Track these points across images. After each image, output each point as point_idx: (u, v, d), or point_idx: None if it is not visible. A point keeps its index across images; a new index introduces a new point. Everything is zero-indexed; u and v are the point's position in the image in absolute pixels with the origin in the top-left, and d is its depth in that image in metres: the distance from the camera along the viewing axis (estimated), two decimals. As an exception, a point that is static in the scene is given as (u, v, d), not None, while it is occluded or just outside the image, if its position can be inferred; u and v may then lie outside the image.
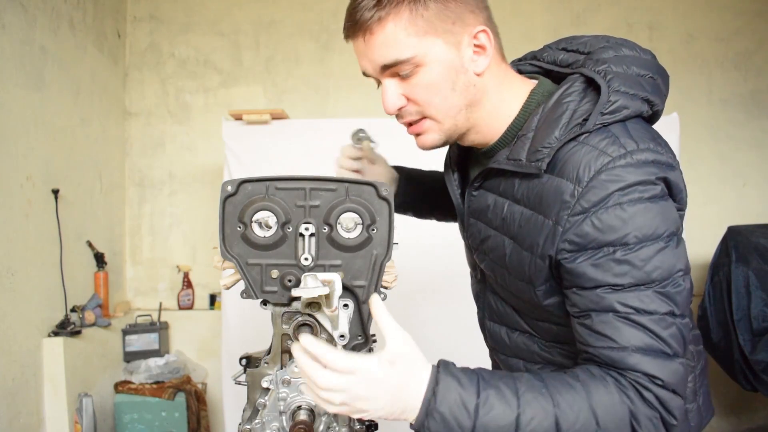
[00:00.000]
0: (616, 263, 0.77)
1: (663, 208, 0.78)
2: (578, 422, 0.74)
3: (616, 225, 0.76)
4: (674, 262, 0.78)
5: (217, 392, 3.04)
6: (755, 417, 3.24)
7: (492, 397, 0.74)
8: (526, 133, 0.86)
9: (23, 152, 2.35)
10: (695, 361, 1.00)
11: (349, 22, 0.87)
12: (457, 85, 0.87)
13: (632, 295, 0.77)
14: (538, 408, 0.74)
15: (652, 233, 0.77)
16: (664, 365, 0.76)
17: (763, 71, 3.40)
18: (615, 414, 0.75)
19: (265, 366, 0.97)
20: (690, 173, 3.27)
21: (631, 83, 0.83)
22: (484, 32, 0.87)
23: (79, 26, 2.83)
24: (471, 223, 1.01)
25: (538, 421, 0.74)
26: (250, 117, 2.66)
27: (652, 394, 0.76)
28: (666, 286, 0.77)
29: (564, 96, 0.85)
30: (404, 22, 0.83)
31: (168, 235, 3.33)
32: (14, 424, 2.19)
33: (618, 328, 0.77)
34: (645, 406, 0.76)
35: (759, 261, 2.54)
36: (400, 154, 1.36)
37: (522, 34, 3.28)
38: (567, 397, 0.75)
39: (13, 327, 2.22)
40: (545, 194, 0.82)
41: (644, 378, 0.76)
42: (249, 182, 0.93)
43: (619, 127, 0.81)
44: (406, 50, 0.84)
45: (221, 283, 1.00)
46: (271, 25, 3.37)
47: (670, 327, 0.77)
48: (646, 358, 0.76)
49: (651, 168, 0.78)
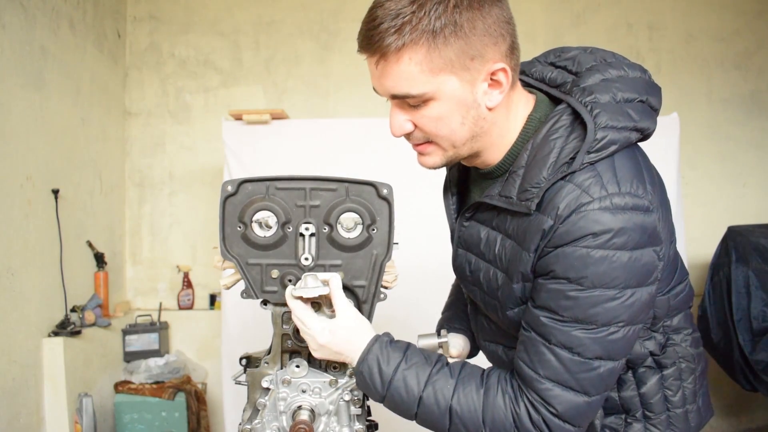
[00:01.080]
0: (564, 297, 0.82)
1: (630, 258, 0.80)
2: (467, 416, 0.88)
3: (578, 265, 0.80)
4: (619, 313, 0.82)
5: (217, 392, 3.04)
6: (755, 417, 3.24)
7: (405, 378, 0.90)
8: (517, 170, 0.87)
9: (23, 152, 2.35)
10: (695, 363, 1.01)
11: (365, 38, 0.83)
12: (466, 119, 0.86)
13: (567, 332, 0.82)
14: (440, 395, 0.89)
15: (608, 282, 0.80)
16: (566, 398, 0.84)
17: (763, 71, 3.40)
18: (500, 422, 0.87)
19: (265, 366, 0.97)
20: (690, 173, 3.31)
21: (619, 115, 0.83)
22: (503, 71, 0.84)
23: (79, 26, 2.83)
24: (459, 254, 1.02)
25: (435, 404, 0.89)
26: (250, 117, 2.66)
27: (541, 417, 0.85)
28: (601, 332, 0.82)
29: (551, 132, 0.85)
30: (420, 56, 0.80)
31: (168, 235, 3.33)
32: (14, 424, 2.19)
33: (541, 354, 0.85)
34: (529, 424, 0.85)
35: (759, 261, 2.54)
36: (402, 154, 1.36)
37: (522, 34, 3.23)
38: (467, 397, 0.88)
39: (13, 327, 2.22)
40: (529, 231, 0.85)
41: (540, 402, 0.85)
42: (249, 182, 0.94)
43: (605, 165, 0.82)
44: (417, 86, 0.82)
45: (221, 283, 1.00)
46: (271, 25, 3.37)
47: (590, 371, 0.83)
48: (554, 388, 0.84)
49: (628, 214, 0.80)
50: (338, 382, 0.97)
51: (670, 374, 0.97)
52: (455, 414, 0.88)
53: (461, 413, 0.88)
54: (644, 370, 0.96)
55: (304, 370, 0.96)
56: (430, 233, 2.01)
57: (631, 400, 0.97)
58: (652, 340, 0.96)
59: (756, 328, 2.48)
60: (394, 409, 0.93)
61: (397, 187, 0.98)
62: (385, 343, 0.93)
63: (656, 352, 0.96)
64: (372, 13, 0.82)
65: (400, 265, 1.06)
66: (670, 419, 0.97)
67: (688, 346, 1.00)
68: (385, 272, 0.97)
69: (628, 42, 3.38)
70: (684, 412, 0.98)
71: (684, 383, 0.99)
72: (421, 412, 0.90)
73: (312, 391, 0.96)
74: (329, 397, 0.96)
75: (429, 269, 2.35)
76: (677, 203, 2.58)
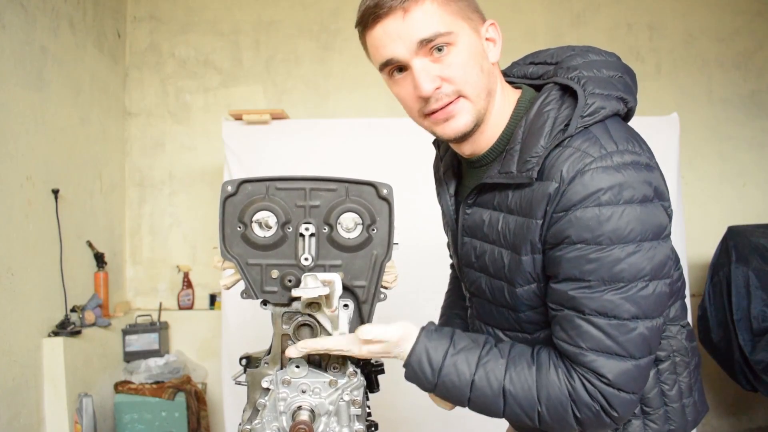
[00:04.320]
0: (587, 261, 0.82)
1: (641, 212, 0.81)
2: (521, 395, 0.87)
3: (593, 225, 0.80)
4: (643, 266, 0.81)
5: (217, 392, 3.04)
6: (755, 417, 3.24)
7: (456, 363, 0.89)
8: (514, 146, 0.90)
9: (23, 152, 2.35)
10: (689, 357, 1.02)
11: (378, 5, 0.86)
12: (483, 67, 0.91)
13: (599, 297, 0.82)
14: (492, 377, 0.88)
15: (625, 237, 0.80)
16: (614, 365, 0.83)
17: (763, 71, 3.40)
18: (557, 397, 0.85)
19: (265, 366, 0.97)
20: (690, 173, 3.31)
21: (605, 84, 0.87)
22: (494, 25, 0.93)
23: (79, 26, 2.83)
24: (465, 242, 1.03)
25: (488, 386, 0.88)
26: (250, 117, 2.66)
27: (596, 389, 0.84)
28: (631, 289, 0.82)
29: (543, 105, 0.89)
30: (440, 1, 0.87)
31: (168, 235, 3.33)
32: (14, 424, 2.19)
33: (579, 327, 0.84)
34: (587, 396, 0.84)
35: (759, 261, 2.54)
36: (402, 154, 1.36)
37: (522, 34, 3.28)
38: (520, 375, 0.87)
39: (13, 327, 2.22)
40: (534, 199, 0.86)
41: (591, 374, 0.84)
42: (249, 182, 0.93)
43: (599, 128, 0.85)
44: (444, 25, 0.86)
45: (221, 283, 0.99)
46: (271, 25, 3.37)
47: (629, 332, 0.83)
48: (599, 358, 0.83)
49: (630, 170, 0.81)
50: (338, 382, 0.97)
51: (665, 368, 0.98)
52: (509, 394, 0.87)
53: (515, 393, 0.87)
54: None
55: (304, 371, 0.96)
56: (430, 233, 2.01)
57: None
58: None
59: (756, 328, 2.48)
60: (446, 396, 0.92)
61: (397, 188, 0.98)
62: (430, 331, 0.93)
63: None
64: None
65: (400, 265, 1.06)
66: (667, 414, 0.98)
67: (683, 339, 1.01)
68: (385, 272, 0.97)
69: (628, 42, 3.38)
70: (681, 407, 0.99)
71: (679, 377, 1.00)
72: (474, 397, 0.89)
73: (312, 392, 0.96)
74: (329, 397, 0.96)
75: (429, 269, 2.35)
76: (677, 203, 2.58)
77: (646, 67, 3.36)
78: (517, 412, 0.88)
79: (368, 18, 0.88)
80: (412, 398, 2.66)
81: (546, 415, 0.86)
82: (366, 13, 0.88)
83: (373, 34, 0.89)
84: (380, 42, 0.89)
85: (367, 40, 0.92)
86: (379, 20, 0.87)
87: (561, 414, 0.86)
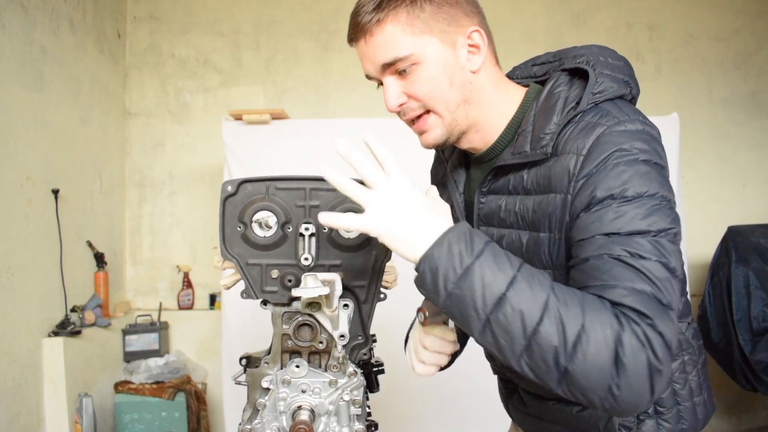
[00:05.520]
0: (614, 213, 0.79)
1: (658, 173, 0.82)
2: (565, 312, 0.72)
3: (616, 183, 0.80)
4: (669, 220, 0.80)
5: (217, 392, 3.04)
6: (755, 417, 3.24)
7: (494, 252, 0.76)
8: (525, 128, 0.92)
9: (23, 152, 2.35)
10: (697, 355, 1.03)
11: (352, 28, 0.93)
12: (454, 81, 0.91)
13: (628, 240, 0.78)
14: (534, 283, 0.75)
15: (648, 191, 0.80)
16: (657, 310, 0.73)
17: (763, 71, 3.40)
18: (602, 327, 0.72)
19: (265, 366, 0.97)
20: (690, 173, 3.31)
21: (612, 68, 0.91)
22: (477, 32, 0.92)
23: (79, 26, 2.83)
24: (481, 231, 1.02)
25: (529, 288, 0.74)
26: (250, 117, 2.66)
27: (642, 330, 0.72)
28: (661, 238, 0.78)
29: (554, 88, 0.92)
30: (402, 23, 0.88)
31: (168, 235, 3.33)
32: (14, 424, 2.19)
33: (612, 268, 0.76)
34: (633, 337, 0.71)
35: (759, 261, 2.54)
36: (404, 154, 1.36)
37: (522, 34, 3.28)
38: (567, 292, 0.75)
39: (13, 327, 2.22)
40: (553, 174, 0.87)
41: (635, 314, 0.73)
42: (249, 182, 0.94)
43: (609, 104, 0.87)
44: (403, 48, 0.88)
45: (221, 283, 1.00)
46: (271, 25, 3.37)
47: (664, 279, 0.76)
48: (639, 297, 0.74)
49: (643, 135, 0.84)
50: (338, 382, 0.97)
51: (675, 367, 0.99)
52: (552, 302, 0.73)
53: (560, 301, 0.73)
54: None
55: (304, 370, 0.96)
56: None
57: None
58: None
59: (756, 328, 2.48)
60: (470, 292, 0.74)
61: (397, 188, 0.98)
62: (468, 228, 0.79)
63: None
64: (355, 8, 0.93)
65: (400, 265, 1.06)
66: (680, 413, 0.99)
67: (691, 338, 1.02)
68: (385, 272, 0.97)
69: (628, 42, 3.38)
70: (692, 405, 0.99)
71: (689, 376, 1.00)
72: (511, 295, 0.73)
73: (312, 391, 0.96)
74: (329, 397, 0.96)
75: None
76: (677, 203, 2.58)
77: (646, 67, 3.36)
78: (555, 332, 0.72)
79: (349, 38, 0.95)
80: (413, 398, 2.66)
81: (587, 348, 0.71)
82: (348, 33, 0.95)
83: (356, 51, 0.95)
84: (360, 59, 0.95)
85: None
86: (354, 41, 0.94)
87: (605, 350, 0.71)
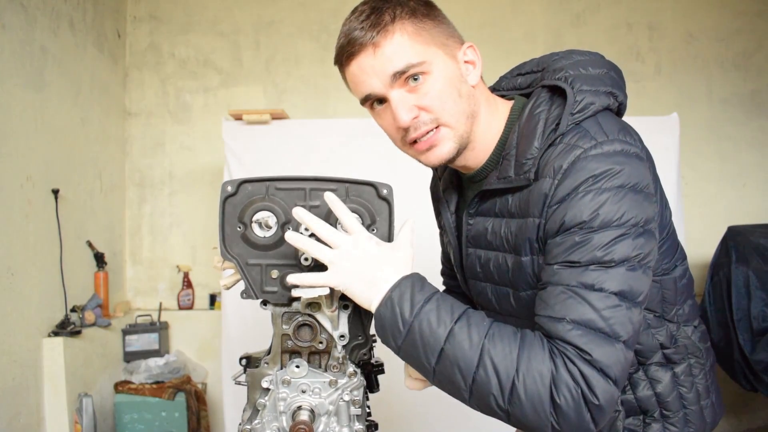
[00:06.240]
0: (577, 243, 0.80)
1: (632, 199, 0.81)
2: (500, 357, 0.78)
3: (584, 211, 0.80)
4: (632, 248, 0.80)
5: (217, 392, 3.04)
6: (755, 417, 3.24)
7: (437, 305, 0.83)
8: (509, 152, 0.91)
9: (23, 152, 2.35)
10: (704, 358, 1.02)
11: (350, 43, 0.88)
12: (461, 92, 0.91)
13: (584, 271, 0.79)
14: (472, 332, 0.80)
15: (616, 219, 0.80)
16: (598, 344, 0.77)
17: (763, 71, 3.40)
18: (538, 370, 0.77)
19: (265, 366, 0.97)
20: (690, 173, 3.31)
21: (592, 81, 0.89)
22: (472, 47, 0.94)
23: (79, 26, 2.83)
24: (469, 253, 1.03)
25: (467, 339, 0.80)
26: (250, 117, 2.66)
27: (577, 368, 0.76)
28: (620, 266, 0.80)
29: (534, 108, 0.91)
30: (409, 32, 0.88)
31: (168, 235, 3.33)
32: (14, 424, 2.19)
33: (563, 300, 0.80)
34: (568, 376, 0.76)
35: (759, 261, 2.54)
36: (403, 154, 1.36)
37: (522, 34, 3.28)
38: (503, 337, 0.80)
39: (13, 327, 2.22)
40: (531, 198, 0.87)
41: (572, 350, 0.77)
42: (249, 182, 0.94)
43: (590, 122, 0.86)
44: (416, 55, 0.87)
45: (221, 283, 1.00)
46: (271, 25, 3.37)
47: (616, 308, 0.78)
48: (580, 332, 0.77)
49: (621, 157, 0.82)
50: (338, 382, 0.97)
51: (682, 371, 0.99)
52: (486, 353, 0.78)
53: (494, 353, 0.78)
54: (656, 368, 0.97)
55: (304, 371, 0.96)
56: (430, 234, 2.01)
57: (648, 400, 0.97)
58: (664, 330, 0.97)
59: (756, 328, 2.48)
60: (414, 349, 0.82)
61: (397, 188, 0.98)
62: (420, 278, 0.87)
63: (667, 345, 0.97)
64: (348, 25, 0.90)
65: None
66: (686, 416, 0.98)
67: (697, 341, 1.01)
68: (385, 272, 0.97)
69: (628, 42, 3.38)
70: (699, 409, 0.99)
71: (695, 379, 1.00)
72: (448, 348, 0.79)
73: (312, 392, 0.96)
74: (329, 397, 0.96)
75: (428, 269, 2.35)
76: (677, 203, 2.58)
77: (646, 67, 3.36)
78: (491, 379, 0.78)
79: (343, 57, 0.91)
80: (413, 398, 2.66)
81: (521, 391, 0.76)
82: (340, 52, 0.91)
83: (350, 71, 0.91)
84: (357, 78, 0.91)
85: (346, 77, 0.94)
86: (353, 57, 0.89)
87: (538, 392, 0.76)
